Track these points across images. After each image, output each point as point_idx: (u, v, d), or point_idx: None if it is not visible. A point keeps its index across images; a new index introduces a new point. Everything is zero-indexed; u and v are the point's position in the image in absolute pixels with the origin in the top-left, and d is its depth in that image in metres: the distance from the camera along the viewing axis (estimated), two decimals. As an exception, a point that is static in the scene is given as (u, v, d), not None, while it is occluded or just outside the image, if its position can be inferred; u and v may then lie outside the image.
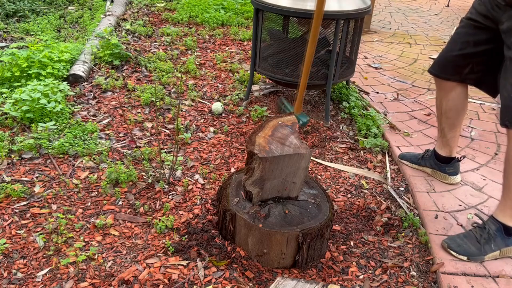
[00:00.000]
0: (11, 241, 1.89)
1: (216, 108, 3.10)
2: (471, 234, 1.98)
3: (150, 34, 4.54)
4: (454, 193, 2.43)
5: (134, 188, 2.28)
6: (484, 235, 1.93)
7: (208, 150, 2.68)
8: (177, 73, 3.68)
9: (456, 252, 1.94)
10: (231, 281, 1.75)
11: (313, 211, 1.87)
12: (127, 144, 2.67)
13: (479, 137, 3.04)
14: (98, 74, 3.55)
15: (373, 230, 2.15)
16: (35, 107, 2.73)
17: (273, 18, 3.06)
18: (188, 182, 2.36)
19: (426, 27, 5.87)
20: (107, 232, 1.99)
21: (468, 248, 1.93)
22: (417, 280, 1.87)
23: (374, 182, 2.51)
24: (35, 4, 5.34)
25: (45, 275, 1.74)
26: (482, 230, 1.95)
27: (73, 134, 2.65)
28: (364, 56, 4.57)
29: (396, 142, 2.89)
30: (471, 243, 1.94)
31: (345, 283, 1.82)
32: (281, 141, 1.80)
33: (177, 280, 1.74)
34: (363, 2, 2.82)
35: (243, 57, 4.21)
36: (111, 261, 1.83)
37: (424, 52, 4.82)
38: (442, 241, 2.01)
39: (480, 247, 1.92)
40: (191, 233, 1.98)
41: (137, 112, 3.06)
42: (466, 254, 1.93)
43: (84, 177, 2.34)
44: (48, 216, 2.04)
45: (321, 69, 2.98)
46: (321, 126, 3.04)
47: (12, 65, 3.17)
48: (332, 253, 1.97)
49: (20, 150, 2.47)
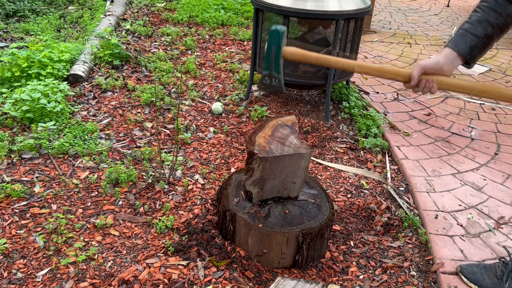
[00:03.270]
0: (11, 241, 1.89)
1: (216, 108, 3.10)
2: (492, 267, 1.86)
3: (150, 34, 4.54)
4: (454, 193, 2.43)
5: (134, 188, 2.28)
6: (506, 272, 1.81)
7: (208, 150, 2.68)
8: (177, 73, 3.68)
9: (467, 279, 1.84)
10: (231, 281, 1.75)
11: (313, 211, 1.87)
12: (127, 144, 2.67)
13: (479, 137, 3.04)
14: (98, 74, 3.55)
15: (373, 230, 2.14)
16: (35, 107, 2.73)
17: (273, 18, 3.06)
18: (188, 182, 2.36)
19: (426, 27, 5.87)
20: (107, 232, 1.99)
21: (482, 279, 1.82)
22: (417, 280, 1.87)
23: (374, 182, 2.51)
24: (35, 4, 5.34)
25: (45, 275, 1.74)
26: (505, 266, 1.83)
27: (73, 134, 2.65)
28: (364, 56, 4.57)
29: (396, 142, 2.89)
30: (488, 276, 1.83)
31: (345, 283, 1.82)
32: (281, 141, 1.80)
33: (177, 280, 1.74)
34: (363, 2, 2.82)
35: (243, 57, 4.21)
36: (111, 261, 1.83)
37: (424, 52, 4.82)
38: (457, 266, 1.91)
39: (497, 283, 1.80)
40: (191, 233, 1.98)
41: (137, 112, 3.06)
42: (477, 284, 1.82)
43: (84, 177, 2.34)
44: (48, 216, 2.04)
45: (321, 69, 2.98)
46: (321, 126, 3.04)
47: (12, 65, 3.17)
48: (332, 253, 1.97)
49: (20, 150, 2.47)
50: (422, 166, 2.65)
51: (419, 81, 1.44)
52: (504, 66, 4.50)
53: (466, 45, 1.41)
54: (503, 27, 1.41)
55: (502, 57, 4.81)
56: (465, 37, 1.42)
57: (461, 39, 1.43)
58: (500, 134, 3.09)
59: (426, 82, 1.43)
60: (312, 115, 3.18)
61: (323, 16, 2.68)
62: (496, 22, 1.40)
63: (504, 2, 1.39)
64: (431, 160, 2.72)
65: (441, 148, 2.87)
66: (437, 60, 1.43)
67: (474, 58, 1.43)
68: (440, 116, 3.33)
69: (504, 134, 3.09)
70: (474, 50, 1.42)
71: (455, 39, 1.44)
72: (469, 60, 1.43)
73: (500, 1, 1.39)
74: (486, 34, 1.40)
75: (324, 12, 2.66)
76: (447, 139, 2.99)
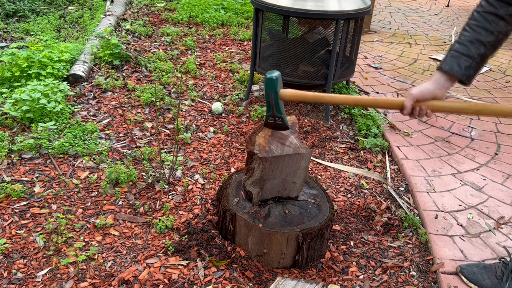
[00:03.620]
0: (11, 241, 1.89)
1: (216, 108, 3.10)
2: (492, 267, 1.85)
3: (150, 34, 4.54)
4: (454, 193, 2.43)
5: (134, 188, 2.28)
6: (506, 272, 1.81)
7: (208, 150, 2.68)
8: (177, 73, 3.68)
9: (467, 279, 1.84)
10: (231, 281, 1.75)
11: (313, 211, 1.87)
12: (127, 144, 2.67)
13: (479, 137, 3.04)
14: (98, 74, 3.55)
15: (373, 230, 2.14)
16: (35, 107, 2.73)
17: (273, 18, 3.06)
18: (188, 182, 2.36)
19: (426, 27, 5.87)
20: (107, 232, 1.99)
21: (482, 279, 1.81)
22: (417, 280, 1.87)
23: (374, 182, 2.51)
24: (35, 4, 5.34)
25: (45, 275, 1.74)
26: (505, 267, 1.83)
27: (73, 134, 2.65)
28: (364, 56, 4.57)
29: (396, 142, 2.89)
30: (488, 276, 1.82)
31: (345, 283, 1.82)
32: (281, 141, 1.80)
33: (177, 280, 1.74)
34: (363, 2, 2.82)
35: (243, 57, 4.21)
36: (111, 261, 1.83)
37: (424, 52, 4.82)
38: (457, 266, 1.91)
39: (497, 283, 1.79)
40: (191, 233, 1.97)
41: (137, 112, 3.06)
42: (477, 284, 1.82)
43: (84, 177, 2.34)
44: (48, 216, 2.04)
45: (321, 69, 2.98)
46: (321, 126, 3.04)
47: (12, 65, 3.17)
48: (332, 253, 1.97)
49: (20, 150, 2.47)
50: (422, 166, 2.65)
51: (412, 109, 1.46)
52: (504, 66, 4.50)
53: (460, 68, 1.40)
54: (496, 44, 1.39)
55: (502, 57, 4.81)
56: (458, 60, 1.40)
57: (455, 61, 1.41)
58: (500, 134, 3.09)
59: (420, 109, 1.45)
60: (312, 115, 3.18)
61: (323, 16, 2.68)
62: (488, 40, 1.37)
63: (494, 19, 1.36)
64: (431, 160, 2.73)
65: (441, 148, 2.87)
66: (427, 87, 1.44)
67: (470, 77, 1.42)
68: (440, 116, 3.33)
69: (504, 134, 3.09)
70: (469, 70, 1.40)
71: (449, 62, 1.42)
72: (465, 80, 1.42)
73: (490, 18, 1.37)
74: (480, 53, 1.39)
75: (324, 12, 2.66)
76: (447, 139, 3.00)
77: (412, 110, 1.47)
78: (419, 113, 1.47)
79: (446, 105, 1.45)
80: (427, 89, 1.44)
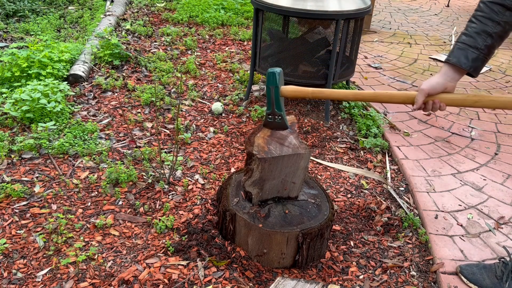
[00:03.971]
0: (11, 241, 1.89)
1: (216, 108, 3.10)
2: (492, 267, 1.85)
3: (150, 34, 4.54)
4: (454, 193, 2.43)
5: (134, 188, 2.28)
6: (506, 272, 1.81)
7: (208, 150, 2.68)
8: (177, 73, 3.68)
9: (466, 279, 1.83)
10: (231, 281, 1.75)
11: (313, 211, 1.87)
12: (127, 144, 2.67)
13: (479, 137, 3.04)
14: (98, 74, 3.55)
15: (373, 230, 2.15)
16: (35, 107, 2.73)
17: (273, 18, 3.06)
18: (188, 182, 2.36)
19: (426, 27, 5.87)
20: (107, 232, 1.99)
21: (481, 279, 1.81)
22: (417, 280, 1.87)
23: (374, 182, 2.51)
24: (35, 4, 5.34)
25: (45, 275, 1.74)
26: (505, 267, 1.82)
27: (73, 134, 2.65)
28: (364, 56, 4.57)
29: (396, 142, 2.89)
30: (488, 276, 1.82)
31: (345, 283, 1.82)
32: (280, 142, 1.79)
33: (177, 280, 1.74)
34: (363, 2, 2.82)
35: (243, 57, 4.21)
36: (111, 261, 1.83)
37: (424, 52, 4.82)
38: (457, 266, 1.91)
39: (497, 283, 1.79)
40: (191, 233, 1.98)
41: (137, 112, 3.06)
42: (477, 284, 1.81)
43: (84, 177, 2.34)
44: (48, 216, 2.04)
45: (321, 69, 2.98)
46: (321, 126, 3.04)
47: (12, 65, 3.17)
48: (332, 253, 1.97)
49: (20, 150, 2.48)
50: (422, 166, 2.65)
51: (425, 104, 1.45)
52: (504, 66, 4.50)
53: (467, 60, 1.39)
54: (503, 35, 1.39)
55: (502, 57, 4.81)
56: (466, 52, 1.40)
57: (462, 53, 1.41)
58: (500, 134, 3.09)
59: (433, 103, 1.45)
60: (312, 115, 3.18)
61: (323, 16, 2.68)
62: (495, 31, 1.37)
63: (500, 9, 1.36)
64: (431, 160, 2.72)
65: (441, 148, 2.87)
66: (437, 81, 1.44)
67: (477, 69, 1.42)
68: (440, 116, 3.33)
69: (504, 134, 3.09)
70: (476, 62, 1.40)
71: (456, 54, 1.42)
72: (472, 72, 1.42)
73: (496, 9, 1.36)
74: (487, 45, 1.38)
75: (324, 12, 2.66)
76: (447, 139, 2.99)
77: (425, 105, 1.46)
78: (432, 107, 1.46)
79: (459, 97, 1.43)
80: (437, 83, 1.43)
